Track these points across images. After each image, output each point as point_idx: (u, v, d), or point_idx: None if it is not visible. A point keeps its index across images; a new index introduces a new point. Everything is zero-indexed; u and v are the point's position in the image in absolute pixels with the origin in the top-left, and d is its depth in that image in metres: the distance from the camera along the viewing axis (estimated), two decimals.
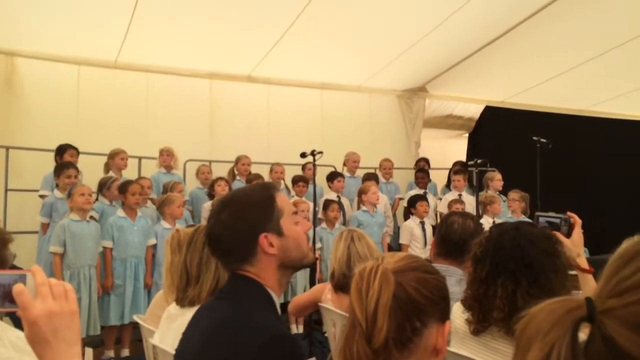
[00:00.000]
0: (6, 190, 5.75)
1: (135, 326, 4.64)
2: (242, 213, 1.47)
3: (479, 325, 1.79)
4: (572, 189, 8.58)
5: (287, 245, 1.48)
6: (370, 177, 6.90)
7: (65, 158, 5.51)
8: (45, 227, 5.14)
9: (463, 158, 8.14)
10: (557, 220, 2.12)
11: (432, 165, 7.82)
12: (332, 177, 6.66)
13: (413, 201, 6.37)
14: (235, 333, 1.33)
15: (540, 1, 6.08)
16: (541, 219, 2.16)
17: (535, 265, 1.71)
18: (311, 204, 5.75)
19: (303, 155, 5.91)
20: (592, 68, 7.28)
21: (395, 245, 6.67)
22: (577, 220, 2.09)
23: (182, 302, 2.14)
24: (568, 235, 2.07)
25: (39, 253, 5.18)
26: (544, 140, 6.61)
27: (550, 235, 1.85)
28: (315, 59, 7.10)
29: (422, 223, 6.20)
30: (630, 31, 6.56)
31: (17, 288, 0.97)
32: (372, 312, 1.01)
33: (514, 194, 6.28)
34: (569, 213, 2.12)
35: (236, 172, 6.61)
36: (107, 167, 5.84)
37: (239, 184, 6.40)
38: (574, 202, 7.86)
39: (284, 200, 1.55)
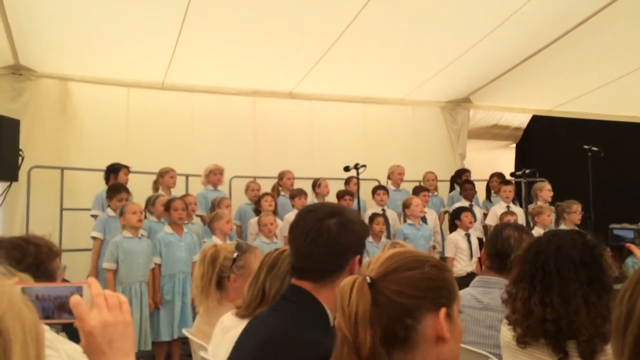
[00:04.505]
0: (61, 209, 5.95)
1: (184, 341, 4.70)
2: (350, 227, 1.47)
3: (511, 328, 1.77)
4: (625, 198, 8.25)
5: None
6: (421, 189, 6.82)
7: (120, 177, 5.66)
8: (97, 242, 5.28)
9: (511, 169, 7.95)
10: (631, 233, 2.07)
11: (474, 177, 7.67)
12: (374, 190, 6.64)
13: (457, 213, 6.21)
14: (289, 347, 1.34)
15: (588, 10, 5.90)
16: (615, 232, 2.12)
17: (552, 272, 1.68)
18: None
19: (346, 169, 5.92)
20: None
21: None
22: None
23: (243, 316, 2.13)
24: None
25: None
26: (595, 149, 6.39)
27: (595, 245, 1.75)
28: (357, 74, 7.10)
29: (468, 235, 6.04)
30: None
31: (74, 299, 1.00)
32: (353, 326, 1.02)
33: (577, 206, 6.01)
34: None
35: (280, 187, 6.66)
36: (156, 185, 5.97)
37: (284, 199, 6.44)
38: (629, 211, 7.64)
39: None
